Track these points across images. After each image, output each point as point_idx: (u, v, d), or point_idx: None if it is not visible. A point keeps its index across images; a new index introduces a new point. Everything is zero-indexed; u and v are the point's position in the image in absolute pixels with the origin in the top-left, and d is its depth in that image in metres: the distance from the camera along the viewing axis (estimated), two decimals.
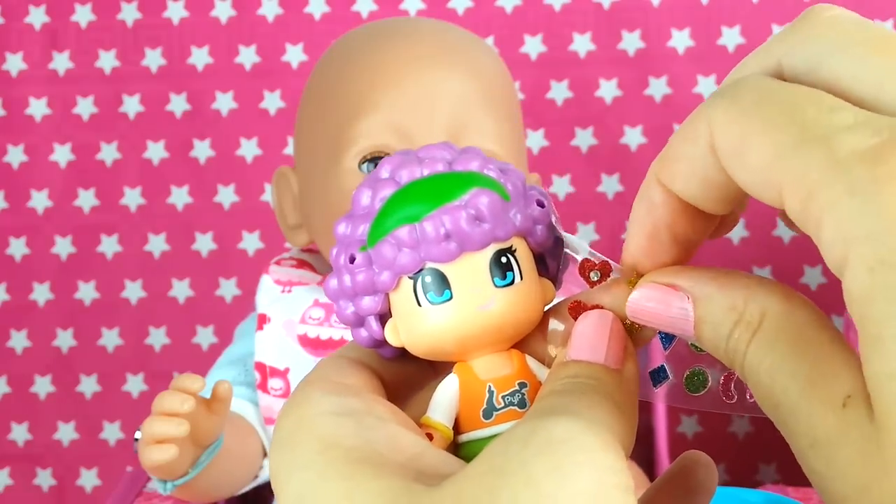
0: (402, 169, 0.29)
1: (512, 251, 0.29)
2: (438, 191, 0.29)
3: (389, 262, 0.29)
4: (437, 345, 0.29)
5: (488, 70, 0.79)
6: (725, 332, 0.26)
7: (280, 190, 0.82)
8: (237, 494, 0.77)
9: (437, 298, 0.29)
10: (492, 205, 0.28)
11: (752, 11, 1.01)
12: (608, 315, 0.28)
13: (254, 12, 1.04)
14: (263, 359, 0.76)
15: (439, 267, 0.29)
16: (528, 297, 0.29)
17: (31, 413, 1.05)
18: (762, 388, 0.25)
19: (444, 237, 0.28)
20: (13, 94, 1.05)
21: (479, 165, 0.29)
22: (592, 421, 0.25)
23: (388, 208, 0.29)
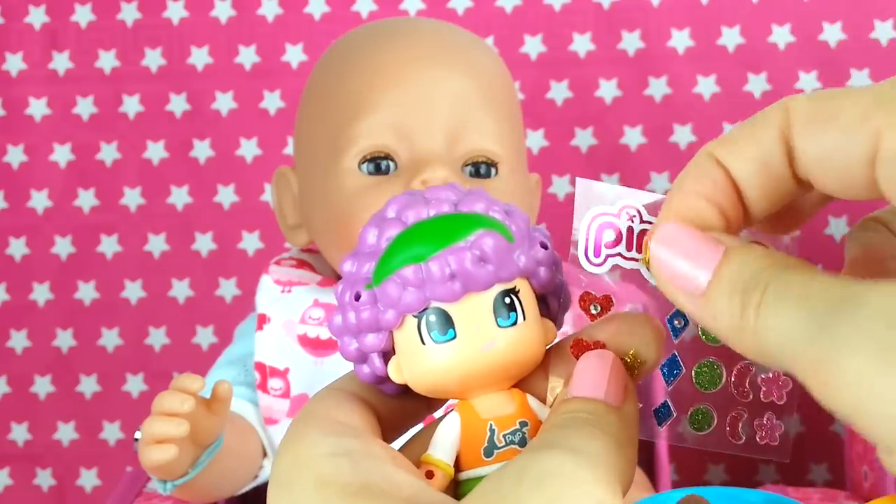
0: (408, 210, 0.30)
1: (516, 292, 0.30)
2: (444, 231, 0.29)
3: (394, 301, 0.29)
4: (440, 383, 0.30)
5: (488, 70, 0.79)
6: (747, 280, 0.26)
7: (280, 190, 0.82)
8: (237, 494, 0.77)
9: (441, 337, 0.29)
10: (496, 246, 0.29)
11: (752, 11, 1.01)
12: (609, 354, 0.29)
13: (254, 12, 1.04)
14: (263, 359, 0.76)
15: (444, 306, 0.29)
16: (530, 338, 0.30)
17: (30, 413, 1.05)
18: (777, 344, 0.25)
19: (449, 277, 0.29)
20: (13, 94, 1.05)
21: (484, 207, 0.30)
22: (587, 454, 0.25)
23: (394, 248, 0.29)
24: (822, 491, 0.82)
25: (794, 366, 0.24)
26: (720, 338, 0.26)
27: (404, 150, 0.74)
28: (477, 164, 0.75)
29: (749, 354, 0.26)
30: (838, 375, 0.23)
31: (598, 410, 0.27)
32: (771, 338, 0.24)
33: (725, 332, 0.26)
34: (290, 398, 0.75)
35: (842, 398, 0.23)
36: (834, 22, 1.00)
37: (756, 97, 1.01)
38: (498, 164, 0.75)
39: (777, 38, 1.00)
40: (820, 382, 0.23)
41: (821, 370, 0.23)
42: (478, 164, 0.75)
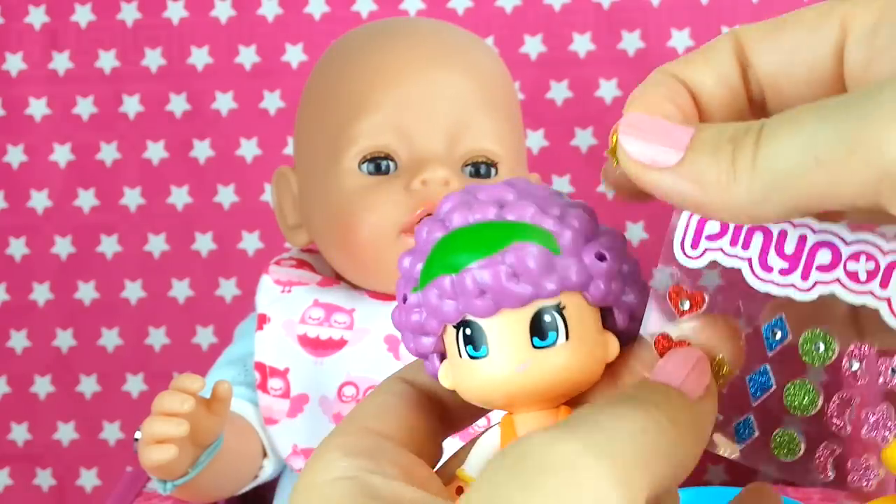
0: (454, 212, 0.28)
1: (560, 308, 0.27)
2: (479, 242, 0.27)
3: (434, 309, 0.28)
4: (478, 398, 0.28)
5: (488, 70, 0.79)
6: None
7: (280, 190, 0.82)
8: (237, 494, 0.77)
9: (475, 353, 0.28)
10: (533, 260, 0.27)
11: (752, 11, 1.01)
12: (696, 350, 0.27)
13: (254, 12, 1.04)
14: (263, 359, 0.75)
15: (478, 321, 0.27)
16: (574, 358, 0.27)
17: (30, 413, 1.05)
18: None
19: (479, 292, 0.27)
20: (13, 94, 1.05)
21: (532, 214, 0.28)
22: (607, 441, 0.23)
23: (435, 254, 0.28)
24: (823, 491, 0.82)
25: (812, 174, 0.23)
26: (702, 207, 0.25)
27: (404, 150, 0.74)
28: (477, 164, 0.75)
29: (745, 209, 0.24)
30: (878, 146, 0.22)
31: (668, 395, 0.25)
32: (779, 166, 0.23)
33: (712, 192, 0.24)
34: (290, 398, 0.75)
35: (885, 165, 0.22)
36: None
37: None
38: (498, 164, 0.75)
39: None
40: (851, 166, 0.23)
41: (855, 152, 0.22)
42: (478, 164, 0.75)
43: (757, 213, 0.24)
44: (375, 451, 0.27)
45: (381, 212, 0.73)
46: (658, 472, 0.24)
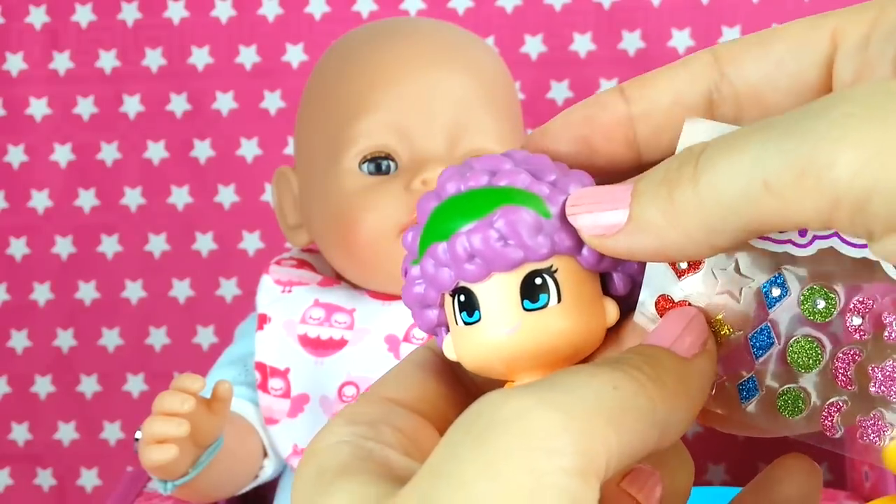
0: (447, 182, 0.29)
1: (551, 272, 0.27)
2: (469, 208, 0.28)
3: (431, 278, 0.28)
4: (478, 365, 0.28)
5: (488, 70, 0.79)
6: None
7: (280, 190, 0.82)
8: (237, 494, 0.77)
9: (469, 319, 0.28)
10: (522, 223, 0.27)
11: (752, 11, 1.01)
12: (691, 309, 0.26)
13: (254, 12, 1.04)
14: (264, 359, 0.76)
15: (471, 286, 0.28)
16: (567, 321, 0.27)
17: (31, 413, 1.05)
18: None
19: (468, 257, 0.27)
20: (13, 94, 1.05)
21: (525, 180, 0.28)
22: (564, 392, 0.23)
23: (429, 224, 0.29)
24: (823, 491, 0.82)
25: (761, 199, 0.22)
26: (664, 254, 0.25)
27: (405, 150, 0.74)
28: None
29: (701, 243, 0.24)
30: (829, 169, 0.21)
31: (657, 356, 0.25)
32: (725, 194, 0.23)
33: (665, 236, 0.24)
34: (290, 398, 0.75)
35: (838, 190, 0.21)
36: None
37: None
38: None
39: None
40: (801, 191, 0.22)
41: (805, 176, 0.21)
42: None
43: (714, 243, 0.24)
44: (379, 418, 0.27)
45: (382, 212, 0.73)
46: (630, 428, 0.23)
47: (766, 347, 0.26)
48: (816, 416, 0.26)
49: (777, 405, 0.26)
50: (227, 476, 0.73)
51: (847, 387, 0.26)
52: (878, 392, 0.25)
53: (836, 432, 0.26)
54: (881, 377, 0.25)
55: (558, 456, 0.22)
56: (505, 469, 0.22)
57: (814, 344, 0.26)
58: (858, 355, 0.26)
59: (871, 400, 0.26)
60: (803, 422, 0.26)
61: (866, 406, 0.26)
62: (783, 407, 0.26)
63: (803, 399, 0.26)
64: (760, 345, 0.26)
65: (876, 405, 0.26)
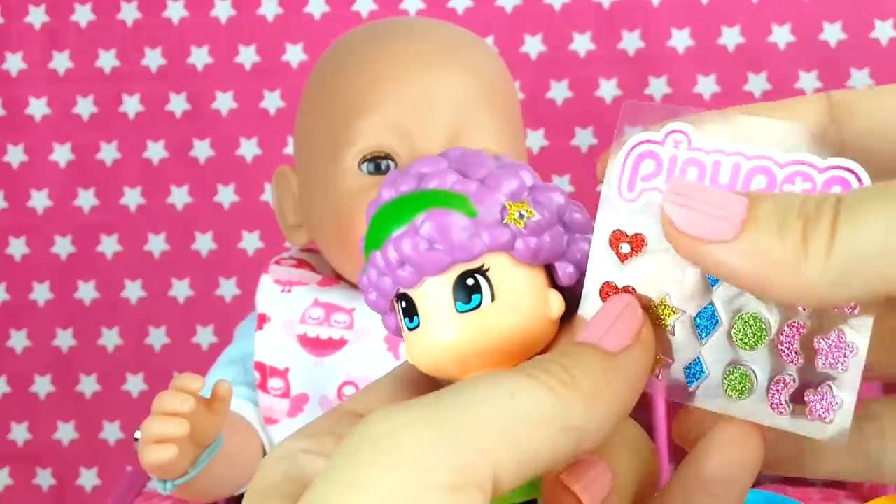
0: (384, 188, 0.29)
1: (483, 271, 0.27)
2: (397, 214, 0.28)
3: (376, 286, 0.28)
4: (428, 369, 0.28)
5: (488, 70, 0.79)
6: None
7: (280, 190, 0.82)
8: (237, 494, 0.77)
9: (411, 325, 0.28)
10: (446, 226, 0.27)
11: (752, 11, 1.01)
12: (624, 297, 0.26)
13: (254, 12, 1.04)
14: (263, 358, 0.76)
15: (408, 292, 0.28)
16: (504, 319, 0.27)
17: (31, 413, 1.05)
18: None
19: (398, 264, 0.27)
20: (13, 94, 1.05)
21: (452, 180, 0.28)
22: (446, 406, 0.22)
23: (368, 232, 0.29)
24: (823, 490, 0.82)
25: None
26: (761, 287, 0.23)
27: (404, 150, 0.74)
28: None
29: (816, 292, 0.23)
30: None
31: (575, 354, 0.24)
32: (862, 249, 0.22)
33: (775, 272, 0.23)
34: (289, 398, 0.75)
35: None
36: (834, 22, 1.00)
37: (756, 97, 1.01)
38: None
39: (777, 37, 1.00)
40: None
41: None
42: None
43: (830, 296, 0.23)
44: (327, 429, 0.27)
45: None
46: (531, 436, 0.23)
47: (710, 328, 0.26)
48: (763, 396, 0.25)
49: (723, 386, 0.26)
50: (226, 476, 0.73)
51: (793, 362, 0.25)
52: (825, 366, 0.25)
53: (785, 410, 0.25)
54: (826, 348, 0.25)
55: (429, 471, 0.21)
56: (372, 485, 0.21)
57: (758, 320, 0.26)
58: (803, 327, 0.25)
59: (818, 375, 0.25)
60: (751, 402, 0.26)
61: (815, 381, 0.25)
62: (729, 387, 0.26)
63: (749, 378, 0.26)
64: (705, 325, 0.26)
65: (824, 380, 0.25)
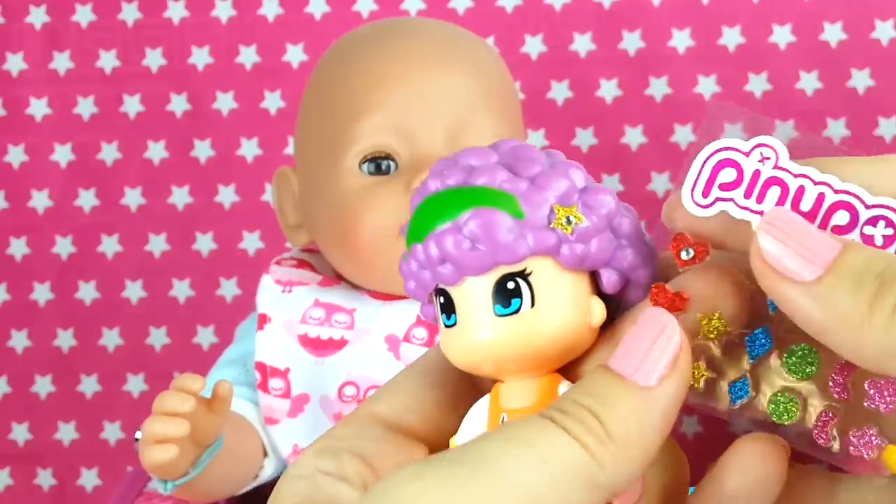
0: (430, 178, 0.28)
1: (525, 275, 0.26)
2: (440, 210, 0.27)
3: (415, 277, 0.28)
4: (463, 366, 0.28)
5: (489, 70, 0.79)
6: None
7: (280, 190, 0.82)
8: (237, 494, 0.77)
9: (448, 322, 0.27)
10: (491, 226, 0.26)
11: (752, 11, 1.01)
12: (661, 317, 0.24)
13: (254, 12, 1.04)
14: (264, 359, 0.76)
15: (448, 289, 0.27)
16: (543, 325, 0.26)
17: (31, 413, 1.05)
18: None
19: (440, 260, 0.27)
20: (13, 94, 1.05)
21: (502, 177, 0.27)
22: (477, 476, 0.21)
23: (412, 222, 0.28)
24: None
25: None
26: (824, 336, 0.23)
27: (405, 150, 0.74)
28: None
29: (871, 356, 0.22)
30: None
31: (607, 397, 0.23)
32: None
33: (841, 325, 0.22)
34: (290, 398, 0.75)
35: None
36: (834, 22, 1.00)
37: (756, 97, 1.01)
38: None
39: (777, 38, 1.00)
40: None
41: None
42: None
43: (884, 365, 0.22)
44: (346, 446, 0.27)
45: (382, 212, 0.73)
46: (559, 499, 0.22)
47: (762, 350, 0.25)
48: (808, 424, 0.25)
49: (768, 409, 0.25)
50: (227, 476, 0.73)
51: (842, 398, 0.25)
52: (873, 406, 0.25)
53: (828, 441, 0.25)
54: (875, 392, 0.24)
55: None
56: None
57: (814, 353, 0.25)
58: (853, 366, 0.25)
59: (865, 413, 0.25)
60: (792, 429, 0.25)
61: (859, 419, 0.25)
62: (774, 412, 0.25)
63: (796, 405, 0.25)
64: (757, 347, 0.25)
65: (868, 419, 0.25)
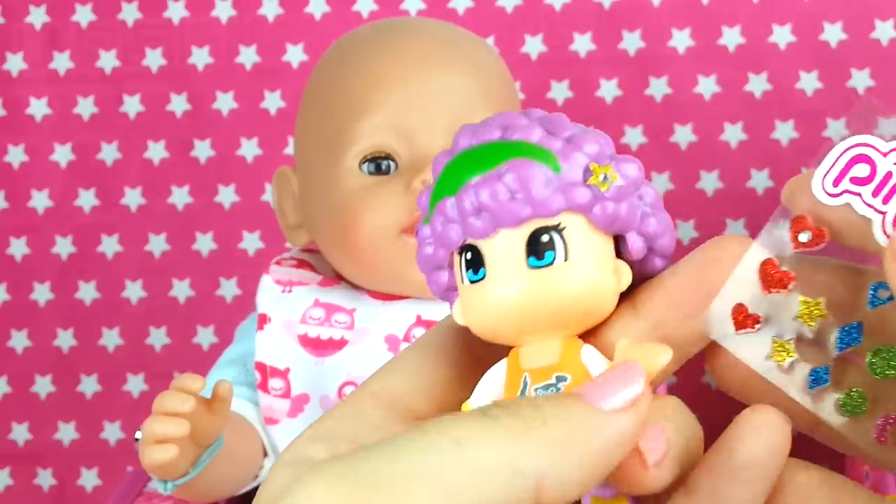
0: (461, 137, 0.28)
1: (559, 229, 0.26)
2: (477, 161, 0.27)
3: (439, 236, 0.27)
4: (483, 327, 0.27)
5: (489, 70, 0.79)
6: None
7: (280, 190, 0.82)
8: (238, 494, 0.77)
9: (474, 276, 0.27)
10: (529, 177, 0.26)
11: (752, 11, 1.01)
12: (635, 369, 0.24)
13: (254, 12, 1.04)
14: (264, 359, 0.76)
15: (478, 243, 0.27)
16: (574, 281, 0.26)
17: (31, 413, 1.05)
18: None
19: (475, 211, 0.26)
20: (13, 94, 1.05)
21: (538, 135, 0.27)
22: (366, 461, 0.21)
23: (440, 180, 0.28)
24: None
25: None
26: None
27: (405, 150, 0.74)
28: None
29: None
30: None
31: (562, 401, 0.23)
32: None
33: None
34: (290, 398, 0.75)
35: None
36: (834, 22, 1.00)
37: (757, 97, 1.01)
38: None
39: (777, 38, 1.00)
40: None
41: None
42: None
43: None
44: (342, 433, 0.26)
45: (382, 212, 0.73)
46: (476, 486, 0.21)
47: (850, 344, 0.26)
48: (870, 423, 0.26)
49: (839, 400, 0.26)
50: (227, 476, 0.73)
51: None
52: None
53: (885, 442, 0.26)
54: None
55: None
56: None
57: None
58: None
59: None
60: (856, 423, 0.26)
61: None
62: (844, 403, 0.26)
63: (866, 403, 0.26)
64: (847, 339, 0.26)
65: None
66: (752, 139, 1.01)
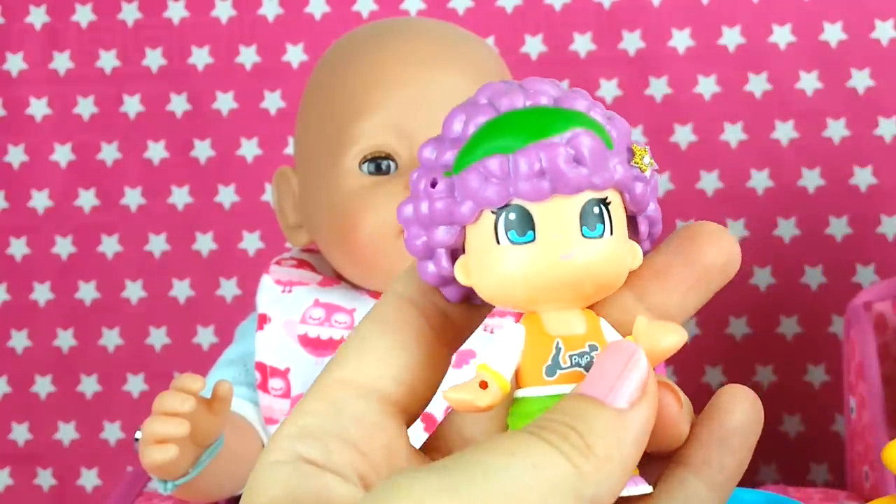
0: (503, 97, 0.27)
1: (606, 203, 0.27)
2: (539, 124, 0.26)
3: (474, 192, 0.27)
4: (510, 289, 0.27)
5: (489, 70, 0.79)
6: None
7: (280, 190, 0.82)
8: (238, 494, 0.77)
9: (519, 238, 0.26)
10: (594, 149, 0.26)
11: (752, 11, 1.01)
12: (627, 347, 0.25)
13: (254, 12, 1.04)
14: (264, 359, 0.76)
15: (526, 205, 0.26)
16: (614, 255, 0.27)
17: (31, 413, 1.05)
18: None
19: (537, 174, 0.26)
20: (13, 94, 1.05)
21: (586, 106, 0.27)
22: (474, 484, 0.21)
23: (482, 135, 0.27)
24: (823, 491, 0.82)
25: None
26: None
27: (405, 150, 0.74)
28: None
29: None
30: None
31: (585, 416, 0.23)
32: None
33: None
34: (290, 398, 0.75)
35: None
36: (834, 22, 1.00)
37: (757, 97, 1.01)
38: None
39: (777, 38, 1.00)
40: None
41: None
42: None
43: None
44: (327, 429, 0.26)
45: (382, 212, 0.73)
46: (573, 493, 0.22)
47: None
48: None
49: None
50: (227, 476, 0.73)
51: None
52: None
53: None
54: None
55: None
56: None
57: None
58: None
59: None
60: None
61: None
62: None
63: None
64: None
65: None
66: (752, 139, 1.01)
